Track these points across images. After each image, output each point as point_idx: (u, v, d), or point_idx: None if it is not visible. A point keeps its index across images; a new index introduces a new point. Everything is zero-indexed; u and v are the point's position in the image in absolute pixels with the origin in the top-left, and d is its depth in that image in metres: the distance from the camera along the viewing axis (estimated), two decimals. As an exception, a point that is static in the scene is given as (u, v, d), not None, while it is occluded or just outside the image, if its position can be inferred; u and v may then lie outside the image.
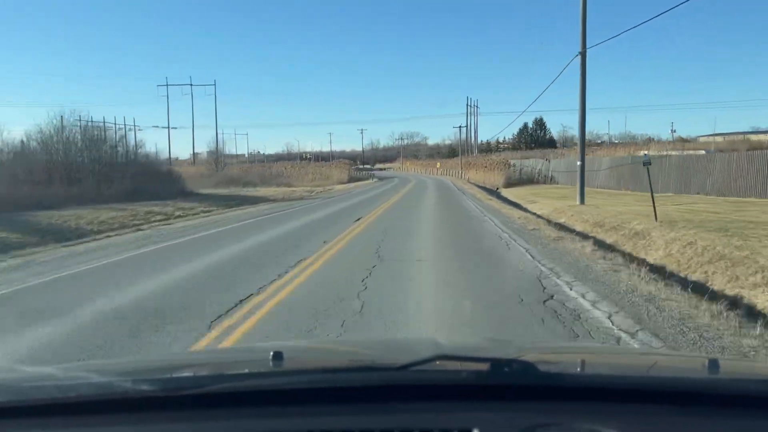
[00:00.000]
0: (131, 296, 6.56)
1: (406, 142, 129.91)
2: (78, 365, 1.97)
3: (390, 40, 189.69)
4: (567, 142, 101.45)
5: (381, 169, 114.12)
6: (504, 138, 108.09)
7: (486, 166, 50.67)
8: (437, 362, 1.39)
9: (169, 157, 57.37)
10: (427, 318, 5.39)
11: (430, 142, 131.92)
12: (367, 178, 61.12)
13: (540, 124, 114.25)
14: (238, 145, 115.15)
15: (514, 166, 44.34)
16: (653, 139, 51.04)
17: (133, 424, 1.25)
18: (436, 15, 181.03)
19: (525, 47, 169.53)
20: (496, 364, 1.36)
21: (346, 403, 1.28)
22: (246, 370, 1.56)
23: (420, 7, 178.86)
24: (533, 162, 46.85)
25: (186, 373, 1.57)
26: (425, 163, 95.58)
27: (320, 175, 61.07)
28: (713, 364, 1.48)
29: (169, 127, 67.54)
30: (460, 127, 72.68)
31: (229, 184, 41.83)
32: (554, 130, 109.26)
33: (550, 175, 39.79)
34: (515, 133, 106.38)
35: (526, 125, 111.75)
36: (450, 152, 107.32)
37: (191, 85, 70.85)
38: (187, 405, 1.28)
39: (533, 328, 5.03)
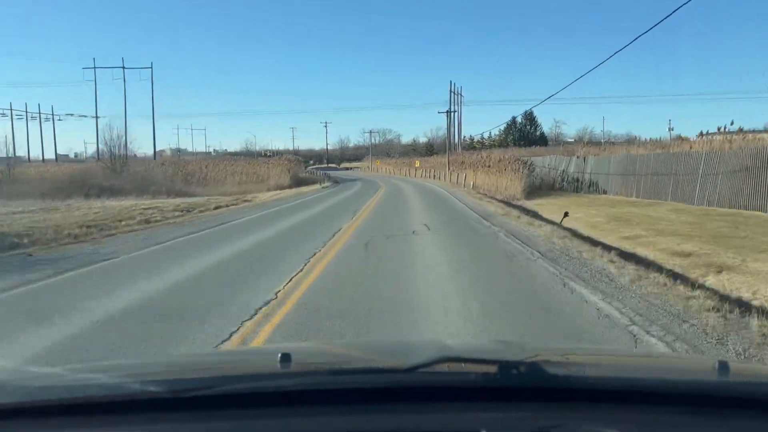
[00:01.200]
0: None
1: (378, 139, 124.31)
2: (86, 366, 1.96)
3: (359, 30, 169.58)
4: (559, 139, 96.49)
5: (347, 168, 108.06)
6: (490, 134, 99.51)
7: (490, 166, 37.86)
8: (445, 364, 1.43)
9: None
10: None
11: (405, 139, 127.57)
12: (317, 182, 50.31)
13: (530, 118, 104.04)
14: (197, 142, 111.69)
15: (532, 165, 33.39)
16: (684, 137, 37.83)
17: (141, 425, 1.28)
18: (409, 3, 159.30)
19: (510, 35, 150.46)
20: (504, 365, 1.39)
21: (353, 405, 1.32)
22: (254, 372, 1.60)
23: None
24: (552, 161, 36.45)
25: (194, 375, 1.60)
26: (399, 162, 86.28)
27: (253, 176, 50.58)
28: (723, 366, 1.51)
29: (96, 117, 60.00)
30: (447, 112, 54.65)
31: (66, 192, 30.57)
32: (546, 126, 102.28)
33: (587, 179, 30.52)
34: (501, 128, 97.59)
35: (514, 120, 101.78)
36: (427, 149, 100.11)
37: (123, 68, 63.63)
38: (195, 406, 1.31)
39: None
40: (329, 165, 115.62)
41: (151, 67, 67.46)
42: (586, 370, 1.66)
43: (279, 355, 1.49)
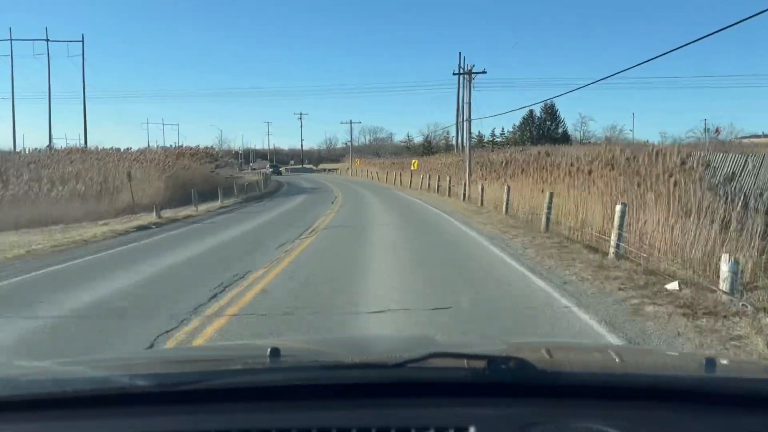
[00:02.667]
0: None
1: (368, 138, 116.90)
2: (75, 360, 2.10)
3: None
4: (587, 137, 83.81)
5: (325, 170, 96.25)
6: (502, 131, 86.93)
7: (589, 172, 15.08)
8: (434, 359, 1.50)
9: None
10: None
11: (398, 138, 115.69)
12: (234, 194, 33.22)
13: (550, 112, 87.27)
14: (168, 138, 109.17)
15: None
16: None
17: (130, 419, 1.35)
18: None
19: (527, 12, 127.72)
20: (493, 361, 1.46)
21: (342, 400, 1.41)
22: (243, 367, 1.67)
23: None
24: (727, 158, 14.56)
25: (183, 369, 1.68)
26: (389, 163, 67.56)
27: (98, 186, 28.32)
28: (710, 362, 1.64)
29: (13, 98, 47.51)
30: (460, 72, 29.77)
31: None
32: (569, 122, 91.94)
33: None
34: (515, 124, 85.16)
35: (531, 113, 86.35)
36: (425, 148, 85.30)
37: (47, 41, 50.61)
38: (184, 400, 1.39)
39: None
40: (304, 166, 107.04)
41: (83, 41, 56.46)
42: (575, 365, 1.77)
43: (268, 349, 1.57)
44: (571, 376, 1.52)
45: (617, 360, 2.00)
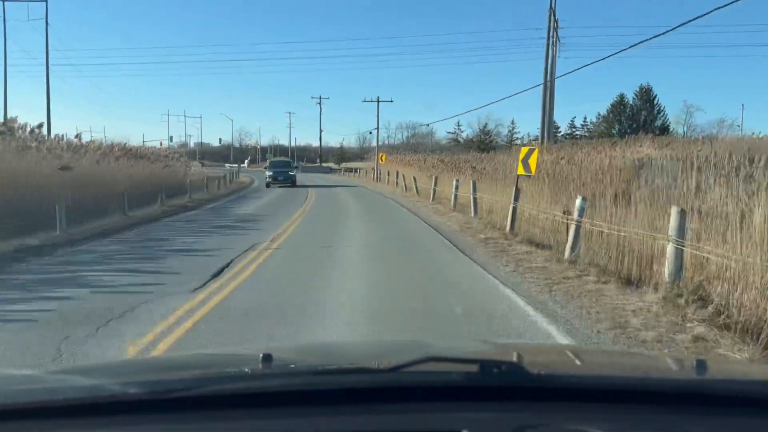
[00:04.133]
0: None
1: (404, 135, 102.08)
2: (66, 368, 2.27)
3: None
4: (691, 131, 68.48)
5: (348, 170, 78.02)
6: (585, 120, 75.27)
7: None
8: (427, 364, 1.57)
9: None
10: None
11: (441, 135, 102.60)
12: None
13: (646, 98, 67.06)
14: (192, 131, 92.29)
15: None
16: None
17: (122, 427, 1.42)
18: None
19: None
20: (486, 365, 1.52)
21: (336, 406, 1.47)
22: (235, 373, 1.73)
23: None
24: None
25: (175, 376, 1.74)
26: (431, 162, 39.73)
27: None
28: (701, 364, 1.71)
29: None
30: (548, 40, 12.40)
31: None
32: (670, 112, 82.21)
33: None
34: (601, 113, 68.25)
35: (622, 99, 68.40)
36: (482, 144, 70.04)
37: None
38: (176, 408, 1.45)
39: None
40: (323, 165, 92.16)
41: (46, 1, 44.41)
42: (567, 369, 1.84)
43: (260, 355, 1.63)
44: (563, 379, 1.59)
45: (608, 363, 2.12)
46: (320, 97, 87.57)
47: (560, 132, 65.32)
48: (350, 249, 12.37)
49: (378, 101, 57.43)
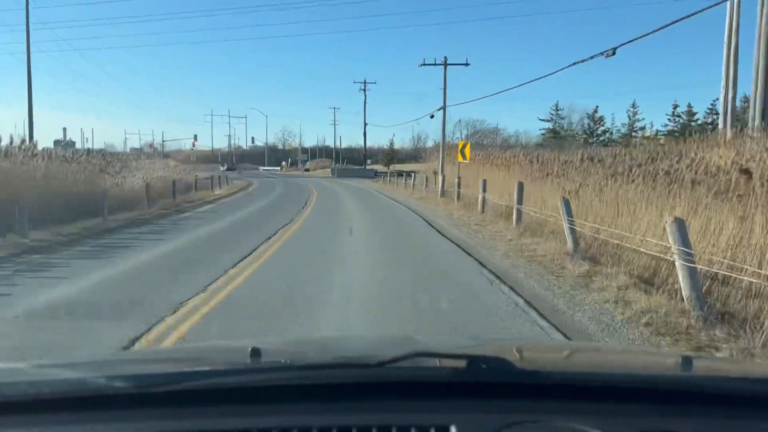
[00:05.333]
0: None
1: (464, 132, 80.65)
2: (51, 362, 2.05)
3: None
4: None
5: (375, 173, 66.75)
6: (651, 125, 62.62)
7: None
8: (415, 359, 1.56)
9: None
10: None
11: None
12: None
13: None
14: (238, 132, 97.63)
15: None
16: None
17: (107, 422, 1.39)
18: None
19: None
20: (474, 360, 1.51)
21: (323, 400, 1.46)
22: (223, 367, 1.71)
23: None
24: None
25: (161, 370, 1.72)
26: (533, 171, 21.38)
27: None
28: (686, 361, 1.74)
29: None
30: None
31: None
32: None
33: None
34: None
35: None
36: (591, 137, 64.26)
37: None
38: (162, 402, 1.43)
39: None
40: (366, 167, 77.97)
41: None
42: (555, 365, 1.84)
43: (249, 350, 1.63)
44: (551, 376, 1.59)
45: (597, 359, 2.13)
46: (365, 83, 70.97)
47: (697, 119, 48.02)
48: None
49: (445, 64, 34.01)
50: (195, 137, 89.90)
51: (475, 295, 8.25)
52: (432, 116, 40.52)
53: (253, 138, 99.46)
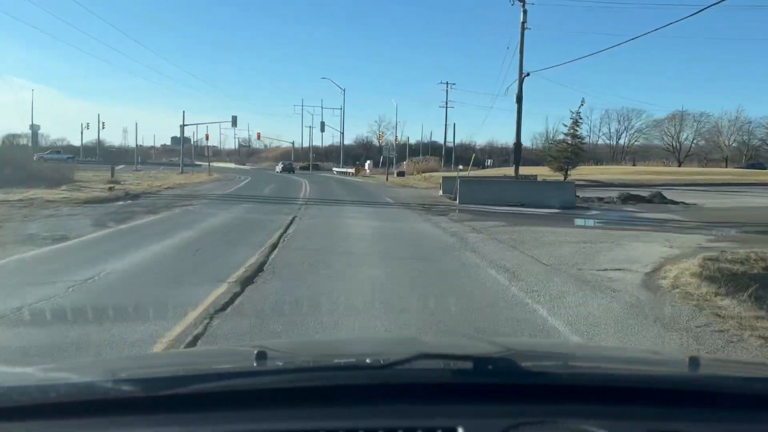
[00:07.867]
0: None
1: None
2: (59, 365, 2.17)
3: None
4: None
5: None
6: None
7: None
8: (421, 360, 1.59)
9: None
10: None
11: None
12: None
13: None
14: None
15: None
16: None
17: (115, 426, 1.43)
18: None
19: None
20: (479, 362, 1.53)
21: (330, 403, 1.49)
22: (229, 370, 1.73)
23: None
24: None
25: (168, 373, 1.75)
26: None
27: None
28: (694, 361, 1.70)
29: None
30: None
31: None
32: None
33: None
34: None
35: None
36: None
37: None
38: (170, 405, 1.47)
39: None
40: (519, 175, 47.62)
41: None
42: (561, 366, 1.85)
43: (255, 352, 1.66)
44: (557, 377, 1.61)
45: (602, 359, 2.13)
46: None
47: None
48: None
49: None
50: (234, 118, 67.90)
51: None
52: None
53: (323, 124, 78.99)
